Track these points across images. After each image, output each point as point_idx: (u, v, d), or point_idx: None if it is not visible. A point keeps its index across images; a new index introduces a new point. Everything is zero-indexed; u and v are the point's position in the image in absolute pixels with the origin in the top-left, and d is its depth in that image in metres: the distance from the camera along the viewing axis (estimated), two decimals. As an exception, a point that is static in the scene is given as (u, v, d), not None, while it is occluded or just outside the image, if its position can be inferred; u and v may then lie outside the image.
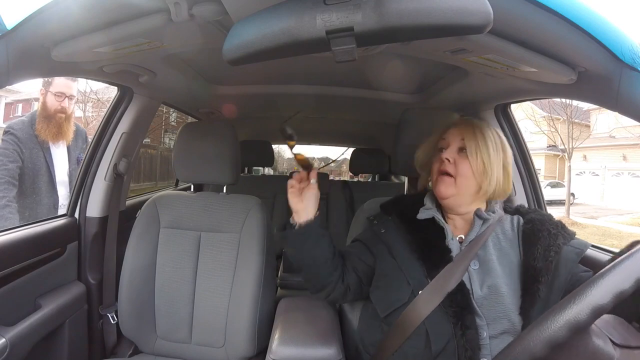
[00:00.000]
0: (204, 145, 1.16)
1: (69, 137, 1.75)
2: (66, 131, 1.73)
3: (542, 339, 0.43)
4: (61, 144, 1.75)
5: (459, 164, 0.81)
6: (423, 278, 0.78)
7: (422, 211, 0.87)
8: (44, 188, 1.70)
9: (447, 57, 0.86)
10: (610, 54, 0.60)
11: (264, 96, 1.59)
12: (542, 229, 0.78)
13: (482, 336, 0.72)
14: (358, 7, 0.50)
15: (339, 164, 17.62)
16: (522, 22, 0.62)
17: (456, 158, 0.82)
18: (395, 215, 0.91)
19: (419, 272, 0.79)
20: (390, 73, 1.17)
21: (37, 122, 1.66)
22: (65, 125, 1.72)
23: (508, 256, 0.78)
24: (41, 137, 1.67)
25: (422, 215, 0.86)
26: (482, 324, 0.73)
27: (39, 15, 0.62)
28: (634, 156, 13.14)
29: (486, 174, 0.79)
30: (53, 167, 1.72)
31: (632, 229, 8.94)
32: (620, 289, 0.42)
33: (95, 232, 1.24)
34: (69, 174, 1.78)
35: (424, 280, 0.77)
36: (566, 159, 10.17)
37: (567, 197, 9.91)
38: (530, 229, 0.79)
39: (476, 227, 0.81)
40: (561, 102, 9.70)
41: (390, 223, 0.90)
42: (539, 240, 0.76)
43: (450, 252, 0.79)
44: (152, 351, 1.13)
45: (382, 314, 0.82)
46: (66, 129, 1.73)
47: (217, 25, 0.74)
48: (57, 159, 1.74)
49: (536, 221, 0.80)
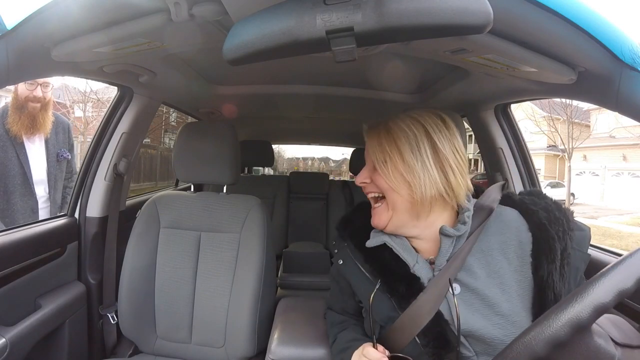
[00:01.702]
0: (204, 145, 1.16)
1: (46, 129, 1.53)
2: (42, 123, 1.51)
3: (543, 337, 0.43)
4: (37, 139, 1.54)
5: (376, 178, 0.69)
6: (392, 313, 0.66)
7: (373, 235, 0.72)
8: (17, 191, 1.49)
9: (447, 57, 0.86)
10: (610, 54, 0.60)
11: (264, 96, 1.59)
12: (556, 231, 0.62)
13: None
14: (358, 7, 0.50)
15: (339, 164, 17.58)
16: (522, 22, 0.62)
17: (371, 175, 0.70)
18: (350, 240, 0.76)
19: (387, 307, 0.67)
20: (390, 73, 1.17)
21: (8, 115, 1.46)
22: (41, 116, 1.50)
23: (501, 269, 0.63)
24: (13, 132, 1.46)
25: (372, 243, 0.70)
26: (470, 353, 0.61)
27: (39, 15, 0.62)
28: (634, 156, 13.15)
29: (411, 183, 0.64)
30: (28, 165, 1.50)
31: (632, 229, 8.94)
32: (622, 287, 0.42)
33: (95, 232, 1.25)
34: (47, 172, 1.57)
35: (394, 316, 0.66)
36: (566, 159, 10.18)
37: (567, 197, 9.92)
38: (541, 236, 0.63)
39: (444, 246, 0.65)
40: (561, 102, 9.71)
41: (345, 251, 0.77)
42: (554, 254, 0.61)
43: (418, 279, 0.65)
44: (152, 351, 1.13)
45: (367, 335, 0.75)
46: (42, 120, 1.51)
47: (217, 25, 0.74)
48: (32, 156, 1.53)
49: (545, 223, 0.63)
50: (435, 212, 0.67)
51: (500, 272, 0.63)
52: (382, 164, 0.67)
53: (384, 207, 0.69)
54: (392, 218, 0.68)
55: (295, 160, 17.28)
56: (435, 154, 0.65)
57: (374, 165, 0.69)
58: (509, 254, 0.64)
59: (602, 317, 0.45)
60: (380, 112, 1.78)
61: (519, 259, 0.63)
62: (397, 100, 1.52)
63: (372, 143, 0.70)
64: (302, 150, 17.25)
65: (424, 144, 0.65)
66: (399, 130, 0.67)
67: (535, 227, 0.64)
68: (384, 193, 0.68)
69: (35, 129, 1.51)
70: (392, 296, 0.67)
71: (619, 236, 7.90)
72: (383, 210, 0.69)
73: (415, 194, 0.64)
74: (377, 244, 0.70)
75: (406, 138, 0.66)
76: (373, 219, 0.70)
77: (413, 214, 0.67)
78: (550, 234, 0.62)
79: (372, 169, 0.70)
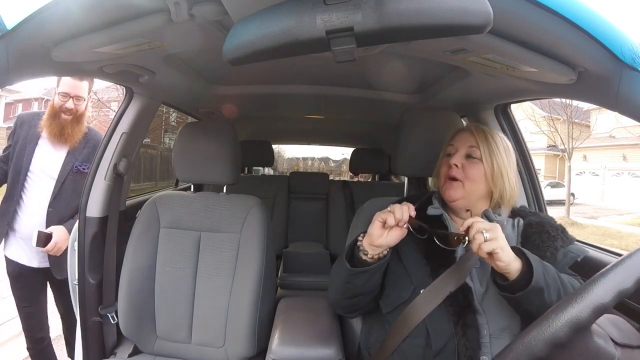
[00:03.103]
0: (204, 145, 1.16)
1: (73, 141, 1.54)
2: (70, 134, 1.53)
3: (543, 338, 0.43)
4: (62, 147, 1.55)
5: (467, 168, 0.82)
6: (426, 277, 0.79)
7: (430, 209, 0.87)
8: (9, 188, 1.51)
9: (447, 57, 0.86)
10: (610, 54, 0.60)
11: (264, 96, 1.59)
12: (541, 231, 0.81)
13: (482, 334, 0.74)
14: (358, 7, 0.50)
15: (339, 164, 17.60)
16: (522, 22, 0.62)
17: (464, 163, 0.83)
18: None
19: (422, 272, 0.80)
20: (390, 73, 1.17)
21: (43, 118, 1.52)
22: (70, 128, 1.53)
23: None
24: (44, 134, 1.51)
25: (432, 212, 0.86)
26: (483, 322, 0.74)
27: (39, 15, 0.62)
28: (634, 156, 13.15)
29: (502, 179, 0.81)
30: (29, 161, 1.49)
31: (632, 229, 8.94)
32: (621, 287, 0.42)
33: (95, 232, 1.24)
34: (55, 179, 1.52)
35: (427, 280, 0.79)
36: (566, 159, 10.18)
37: (567, 197, 9.91)
38: (529, 231, 0.82)
39: None
40: (561, 102, 9.70)
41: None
42: (535, 242, 0.79)
43: (453, 252, 0.80)
44: (152, 351, 1.13)
45: (385, 310, 0.83)
46: (70, 131, 1.53)
47: (217, 25, 0.74)
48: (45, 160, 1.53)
49: (535, 224, 0.83)
50: (484, 199, 0.84)
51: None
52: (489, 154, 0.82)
53: (459, 185, 0.83)
54: (464, 199, 0.83)
55: (295, 160, 17.29)
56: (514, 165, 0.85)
57: (468, 155, 0.83)
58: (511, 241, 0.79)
59: (602, 317, 0.45)
60: (380, 112, 1.78)
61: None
62: (397, 100, 1.52)
63: (480, 135, 0.83)
64: (302, 150, 17.24)
65: (511, 155, 0.85)
66: (497, 136, 0.84)
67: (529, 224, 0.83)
68: (466, 181, 0.82)
69: (63, 138, 1.53)
70: (428, 263, 0.80)
71: (619, 236, 7.90)
72: (459, 187, 0.83)
73: (499, 187, 0.81)
74: (436, 214, 0.86)
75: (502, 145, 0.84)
76: (448, 192, 0.83)
77: (479, 202, 0.84)
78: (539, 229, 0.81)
79: (464, 157, 0.84)
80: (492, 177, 0.81)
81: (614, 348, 0.46)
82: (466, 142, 0.84)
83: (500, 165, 0.81)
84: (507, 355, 0.46)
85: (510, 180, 0.82)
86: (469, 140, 0.84)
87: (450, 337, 0.73)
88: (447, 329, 0.74)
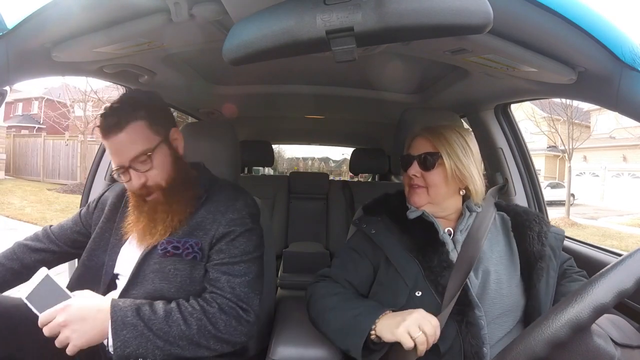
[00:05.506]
0: (203, 145, 1.16)
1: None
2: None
3: (543, 338, 0.43)
4: None
5: (427, 176, 0.84)
6: (420, 276, 0.79)
7: (410, 213, 0.87)
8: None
9: (447, 57, 0.86)
10: (610, 54, 0.60)
11: (264, 96, 1.59)
12: (529, 219, 0.85)
13: (481, 327, 0.74)
14: (358, 7, 0.50)
15: (339, 164, 17.58)
16: (522, 22, 0.62)
17: (423, 173, 0.84)
18: (386, 215, 0.91)
19: (415, 271, 0.80)
20: (390, 73, 1.17)
21: None
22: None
23: (497, 244, 0.83)
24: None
25: (413, 215, 0.86)
26: (480, 314, 0.75)
27: (39, 15, 0.62)
28: (634, 157, 13.15)
29: (466, 175, 0.82)
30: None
31: (632, 229, 8.93)
32: (621, 288, 0.42)
33: (95, 232, 1.24)
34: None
35: (420, 279, 0.78)
36: (566, 160, 10.16)
37: (567, 197, 9.89)
38: (519, 220, 0.86)
39: (465, 217, 0.85)
40: (561, 103, 9.69)
41: (379, 224, 0.89)
42: (530, 228, 0.83)
43: (443, 245, 0.81)
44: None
45: None
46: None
47: (217, 25, 0.74)
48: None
49: (521, 213, 0.88)
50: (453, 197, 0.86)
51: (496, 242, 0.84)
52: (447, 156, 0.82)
53: (423, 191, 0.85)
54: (431, 203, 0.85)
55: (295, 160, 17.27)
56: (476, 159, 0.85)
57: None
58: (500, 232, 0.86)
59: (602, 317, 0.45)
60: (380, 112, 1.78)
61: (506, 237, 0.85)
62: (397, 100, 1.52)
63: (436, 138, 0.84)
64: (302, 150, 17.19)
65: (468, 150, 0.84)
66: (452, 134, 0.84)
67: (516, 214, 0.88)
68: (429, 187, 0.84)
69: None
70: (420, 260, 0.80)
71: (619, 237, 7.88)
72: (422, 194, 0.85)
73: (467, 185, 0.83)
74: (417, 214, 0.85)
75: (458, 143, 0.83)
76: (413, 199, 0.86)
77: (449, 202, 0.86)
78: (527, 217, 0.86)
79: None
80: (458, 176, 0.82)
81: (614, 348, 0.46)
82: (421, 149, 0.85)
83: (460, 165, 0.82)
84: (507, 355, 0.46)
85: (473, 175, 0.83)
86: (425, 146, 0.84)
87: (456, 336, 0.73)
88: (452, 330, 0.73)
